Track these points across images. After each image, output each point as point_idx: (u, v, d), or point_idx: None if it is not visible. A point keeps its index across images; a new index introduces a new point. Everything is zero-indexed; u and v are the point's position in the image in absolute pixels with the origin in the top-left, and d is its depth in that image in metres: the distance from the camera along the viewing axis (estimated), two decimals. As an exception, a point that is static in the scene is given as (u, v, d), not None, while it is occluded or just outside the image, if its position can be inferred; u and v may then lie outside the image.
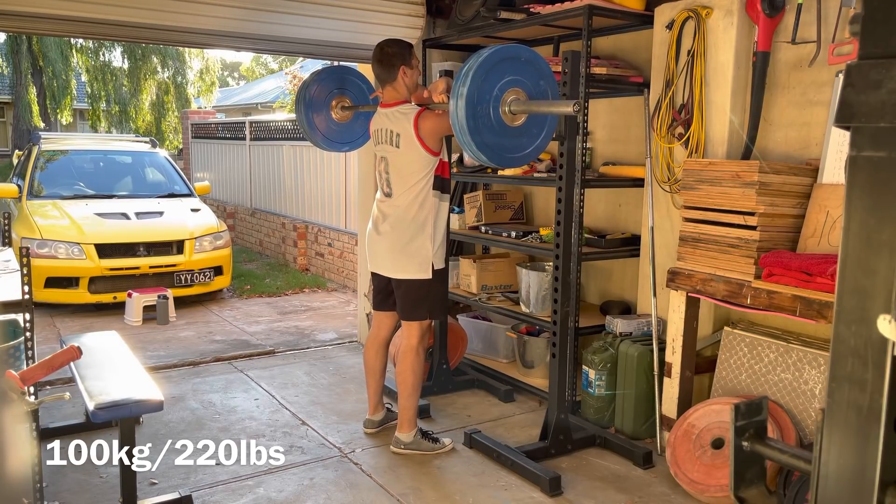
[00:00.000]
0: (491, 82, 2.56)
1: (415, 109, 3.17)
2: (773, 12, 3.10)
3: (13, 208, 6.84)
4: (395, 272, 3.30)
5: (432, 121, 3.12)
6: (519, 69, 2.63)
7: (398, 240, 3.23)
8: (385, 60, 3.21)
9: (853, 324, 0.70)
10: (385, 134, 3.25)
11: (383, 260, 3.34)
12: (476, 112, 2.53)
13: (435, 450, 3.36)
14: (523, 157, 2.84)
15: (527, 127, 2.71)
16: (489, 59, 2.56)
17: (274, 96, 18.94)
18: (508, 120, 2.64)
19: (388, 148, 3.24)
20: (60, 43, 15.34)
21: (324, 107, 3.78)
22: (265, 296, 6.97)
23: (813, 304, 2.61)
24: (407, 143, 3.15)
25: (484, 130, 2.58)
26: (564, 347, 3.28)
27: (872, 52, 0.68)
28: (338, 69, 3.98)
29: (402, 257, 3.25)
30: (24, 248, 2.54)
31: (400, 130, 3.16)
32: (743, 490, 0.92)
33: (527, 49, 2.75)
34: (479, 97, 2.54)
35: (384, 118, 3.26)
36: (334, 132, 3.84)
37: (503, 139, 2.66)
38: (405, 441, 3.34)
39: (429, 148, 3.15)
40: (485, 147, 2.61)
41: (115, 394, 2.61)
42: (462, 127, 2.54)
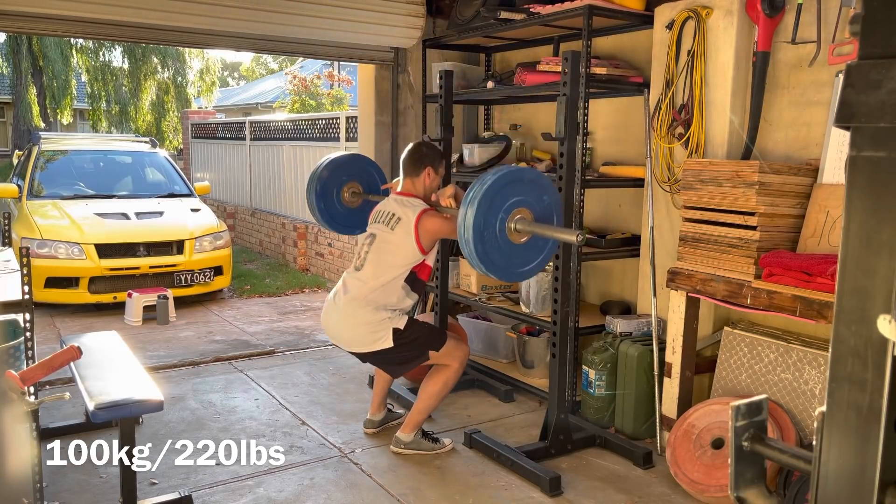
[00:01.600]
0: (498, 204, 2.67)
1: (423, 205, 3.26)
2: (773, 12, 3.11)
3: (13, 208, 6.84)
4: (355, 346, 3.25)
5: (435, 222, 3.18)
6: (523, 190, 2.73)
7: (355, 317, 3.18)
8: (416, 156, 3.34)
9: (853, 324, 0.70)
10: (385, 215, 3.30)
11: (339, 335, 3.29)
12: (483, 235, 2.65)
13: (435, 450, 3.36)
14: (525, 273, 2.91)
15: (531, 244, 2.79)
16: (496, 183, 2.65)
17: (274, 96, 18.94)
18: (513, 238, 2.73)
19: (382, 227, 3.27)
20: (60, 43, 15.34)
21: (334, 189, 3.88)
22: (265, 296, 6.97)
23: (813, 304, 2.61)
24: (402, 231, 3.19)
25: (489, 247, 2.68)
26: (564, 347, 3.28)
27: (872, 52, 0.68)
28: (355, 157, 4.08)
29: (360, 333, 3.19)
30: (24, 248, 2.55)
31: (402, 216, 3.22)
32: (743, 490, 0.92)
33: (530, 170, 2.86)
34: (486, 219, 2.65)
35: (391, 202, 3.34)
36: (340, 215, 3.93)
37: (507, 256, 2.75)
38: (405, 441, 3.34)
39: (420, 245, 3.17)
40: (489, 263, 2.70)
41: (115, 394, 2.61)
42: (469, 243, 2.63)
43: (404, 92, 4.87)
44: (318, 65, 17.32)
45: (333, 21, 4.33)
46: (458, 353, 3.29)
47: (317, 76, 15.03)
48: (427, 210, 3.22)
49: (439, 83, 3.96)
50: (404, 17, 4.60)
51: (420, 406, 3.34)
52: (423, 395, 3.34)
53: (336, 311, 3.25)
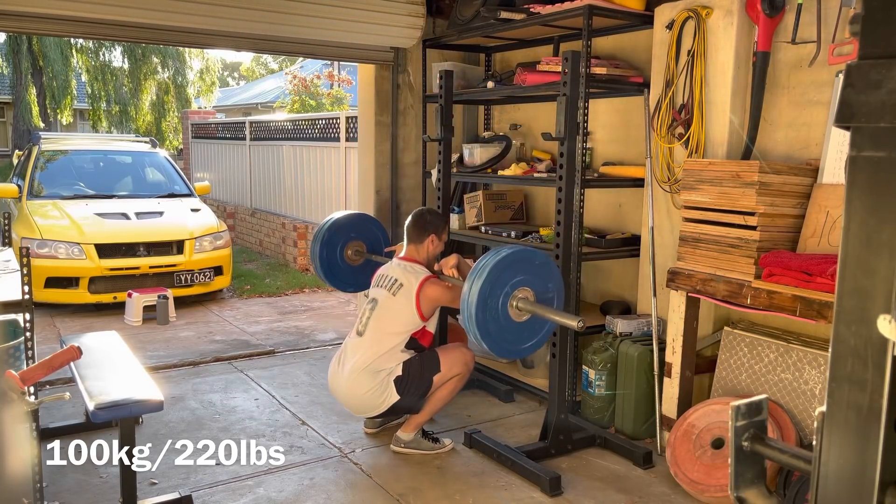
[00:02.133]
0: (504, 280, 2.74)
1: (426, 272, 3.31)
2: (773, 12, 3.10)
3: (13, 208, 6.84)
4: (365, 412, 3.36)
5: (437, 290, 3.23)
6: (530, 270, 2.81)
7: (359, 388, 3.22)
8: (421, 223, 3.42)
9: (853, 324, 0.70)
10: (388, 280, 3.35)
11: (347, 403, 3.36)
12: (486, 309, 2.72)
13: (435, 449, 3.36)
14: (521, 351, 2.98)
15: (529, 324, 2.86)
16: (506, 258, 2.74)
17: (274, 96, 18.94)
18: (514, 315, 2.79)
19: (384, 292, 3.32)
20: (60, 43, 15.34)
21: (338, 247, 3.99)
22: (265, 296, 6.97)
23: (813, 304, 2.61)
24: (404, 297, 3.24)
25: (490, 322, 2.75)
26: (564, 347, 3.28)
27: (872, 52, 0.68)
28: (360, 217, 4.19)
29: (367, 401, 3.24)
30: (24, 248, 2.55)
31: (404, 282, 3.27)
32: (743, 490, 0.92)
33: (542, 255, 2.92)
34: (491, 293, 2.72)
35: (395, 268, 3.39)
36: (342, 271, 4.04)
37: (506, 332, 2.82)
38: (406, 440, 3.34)
39: (420, 311, 3.22)
40: (487, 335, 2.76)
41: (115, 394, 2.61)
42: (471, 313, 2.70)
43: (404, 92, 4.87)
44: (318, 65, 17.32)
45: (333, 21, 4.33)
46: (460, 361, 3.34)
47: (317, 76, 15.03)
48: (430, 278, 3.28)
49: (439, 83, 3.96)
50: (404, 17, 4.60)
51: (426, 409, 3.35)
52: (430, 400, 3.34)
53: (342, 380, 3.31)
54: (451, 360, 3.31)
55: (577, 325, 2.65)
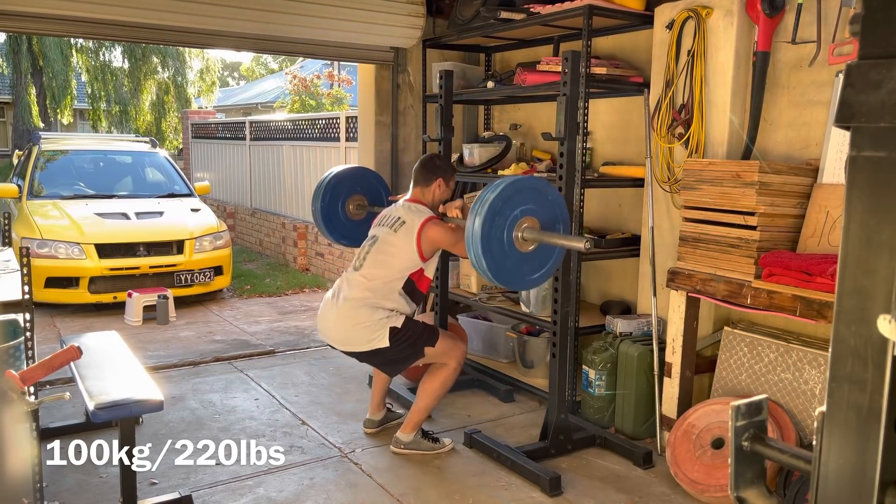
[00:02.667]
0: (505, 213, 2.69)
1: (430, 213, 3.27)
2: (773, 12, 3.10)
3: (13, 208, 6.84)
4: (349, 346, 3.21)
5: (439, 230, 3.18)
6: (530, 199, 2.75)
7: (350, 317, 3.14)
8: (429, 166, 3.38)
9: (853, 324, 0.70)
10: (390, 218, 3.31)
11: (334, 335, 3.24)
12: (490, 243, 2.66)
13: (435, 450, 3.35)
14: (535, 280, 2.92)
15: (536, 255, 2.81)
16: (506, 189, 2.68)
17: (274, 96, 18.94)
18: (520, 245, 2.75)
19: (385, 229, 3.28)
20: (60, 43, 15.34)
21: (339, 202, 3.92)
22: (265, 296, 6.98)
23: (813, 304, 2.61)
24: (405, 234, 3.19)
25: (497, 256, 2.69)
26: (564, 347, 3.28)
27: (872, 52, 0.68)
28: (360, 170, 4.10)
29: (355, 334, 3.15)
30: (24, 248, 2.55)
31: (406, 220, 3.23)
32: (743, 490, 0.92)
33: (542, 182, 2.87)
34: (494, 227, 2.66)
35: (399, 208, 3.34)
36: (344, 226, 3.98)
37: (512, 263, 2.76)
38: (405, 441, 3.33)
39: (420, 251, 3.17)
40: (494, 268, 2.70)
41: (115, 394, 2.61)
42: (476, 245, 2.64)
43: (404, 92, 4.87)
44: (318, 65, 17.32)
45: (333, 21, 4.33)
46: (454, 352, 3.28)
47: (317, 76, 15.04)
48: (433, 218, 3.23)
49: (439, 83, 3.96)
50: (404, 17, 4.60)
51: (419, 406, 3.33)
52: (421, 394, 3.34)
53: (334, 311, 3.22)
54: (447, 345, 3.26)
55: (584, 246, 2.58)
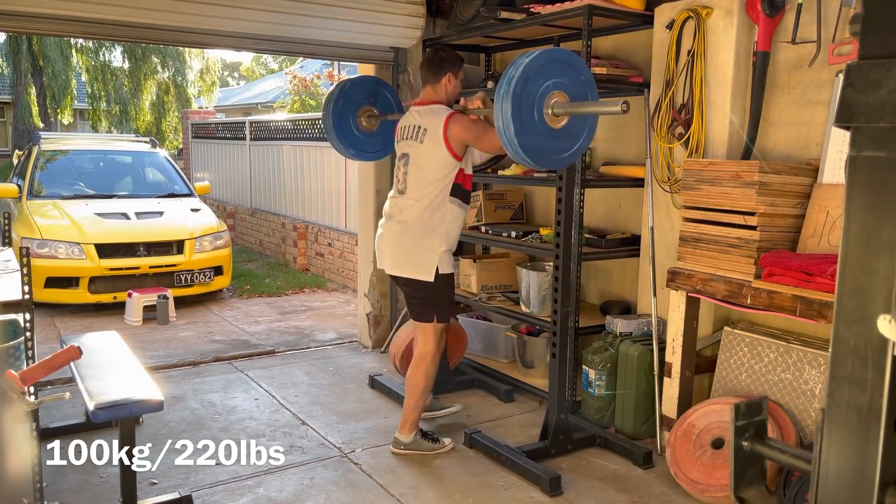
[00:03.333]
0: (534, 85, 2.55)
1: (448, 109, 3.19)
2: (773, 12, 3.10)
3: (13, 208, 6.84)
4: (397, 269, 3.29)
5: (463, 124, 3.12)
6: (556, 71, 2.60)
7: (405, 240, 3.22)
8: (435, 61, 3.28)
9: (853, 324, 0.70)
10: (411, 130, 3.24)
11: (386, 255, 3.32)
12: (521, 114, 2.53)
13: (435, 450, 3.35)
14: (566, 159, 2.80)
15: (569, 128, 2.68)
16: (528, 67, 2.53)
17: (274, 96, 18.95)
18: (551, 122, 2.63)
19: (411, 143, 3.22)
20: (60, 43, 15.34)
21: (350, 115, 3.82)
22: (265, 296, 6.98)
23: (813, 304, 2.61)
24: (432, 140, 3.13)
25: (529, 132, 2.56)
26: (564, 347, 3.28)
27: (872, 52, 0.68)
28: (369, 79, 4.03)
29: (406, 257, 3.24)
30: (24, 248, 2.54)
31: (427, 126, 3.15)
32: (743, 490, 0.92)
33: (569, 52, 2.72)
34: (524, 99, 2.53)
35: (415, 115, 3.27)
36: (360, 141, 3.88)
37: (546, 141, 2.64)
38: (405, 441, 3.33)
39: (452, 150, 3.12)
40: (528, 149, 2.58)
41: (115, 394, 2.61)
42: (507, 129, 2.52)
43: (404, 92, 4.87)
44: (318, 65, 17.32)
45: (333, 21, 4.33)
46: (440, 339, 3.34)
47: (317, 76, 15.04)
48: (453, 114, 3.15)
49: (439, 83, 3.95)
50: (404, 17, 4.60)
51: (409, 404, 3.33)
52: (409, 391, 3.34)
53: (388, 234, 3.29)
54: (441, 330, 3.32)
55: (620, 108, 2.42)
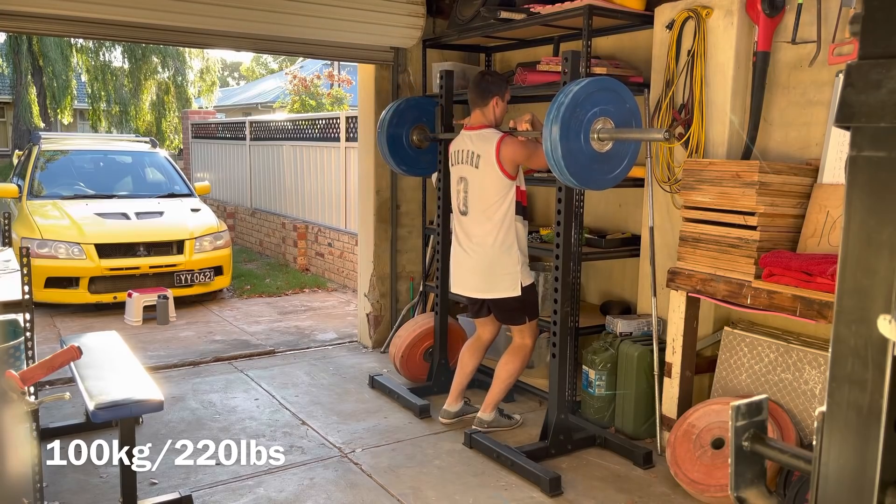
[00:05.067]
0: (582, 111, 2.72)
1: (498, 134, 3.34)
2: (773, 12, 3.10)
3: (13, 208, 6.84)
4: (484, 293, 3.46)
5: (514, 146, 3.28)
6: (608, 99, 2.78)
7: (486, 264, 3.38)
8: (483, 86, 3.42)
9: (853, 324, 0.70)
10: (465, 155, 3.42)
11: (469, 280, 3.48)
12: (568, 138, 2.70)
13: (512, 425, 3.64)
14: (609, 181, 2.95)
15: (613, 152, 2.84)
16: (582, 90, 2.71)
17: (274, 96, 18.94)
18: (597, 146, 2.79)
19: (468, 168, 3.40)
20: (60, 43, 15.34)
21: (403, 134, 3.98)
22: (265, 296, 6.98)
23: (813, 304, 2.61)
24: (486, 166, 3.31)
25: (576, 155, 2.74)
26: (564, 347, 3.28)
27: (872, 52, 0.68)
28: (419, 100, 4.15)
29: (491, 278, 3.39)
30: (24, 248, 2.54)
31: (481, 152, 3.33)
32: (743, 490, 0.92)
33: (615, 81, 2.88)
34: (571, 124, 2.71)
35: (466, 140, 3.43)
36: (410, 157, 4.04)
37: (591, 164, 2.81)
38: (488, 420, 3.56)
39: (506, 172, 3.28)
40: (574, 171, 2.75)
41: (115, 394, 2.61)
42: (555, 151, 2.70)
43: (404, 92, 4.86)
44: (318, 65, 17.31)
45: (333, 21, 4.33)
46: (535, 334, 3.57)
47: (317, 76, 15.02)
48: (503, 137, 3.31)
49: (439, 83, 3.96)
50: (404, 17, 4.60)
51: (500, 386, 3.54)
52: (502, 375, 3.53)
53: (467, 259, 3.45)
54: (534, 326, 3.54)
55: (662, 136, 2.65)
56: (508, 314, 3.50)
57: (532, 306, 3.49)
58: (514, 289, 3.37)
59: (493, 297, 3.44)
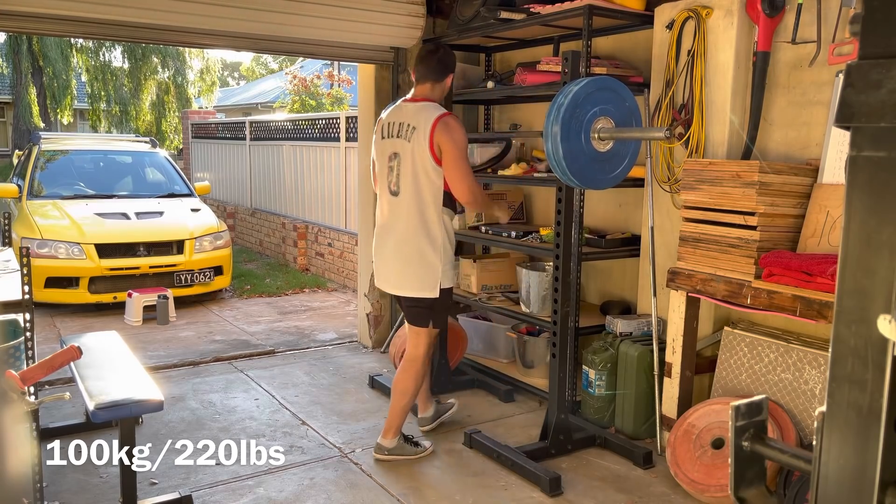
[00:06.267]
0: (582, 111, 2.71)
1: (441, 110, 3.10)
2: (773, 12, 3.10)
3: (13, 208, 6.84)
4: (400, 289, 3.22)
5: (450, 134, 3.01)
6: (607, 99, 2.77)
7: (408, 255, 3.13)
8: (444, 60, 3.21)
9: (853, 324, 0.70)
10: (400, 128, 3.13)
11: (387, 274, 3.26)
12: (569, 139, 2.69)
13: (418, 454, 3.30)
14: (610, 180, 2.92)
15: (614, 152, 2.83)
16: (582, 90, 2.69)
17: (274, 96, 18.94)
18: (597, 145, 2.78)
19: (401, 143, 3.11)
20: (60, 43, 15.34)
21: None
22: (265, 296, 6.98)
23: (813, 304, 2.61)
24: (420, 140, 3.05)
25: (576, 155, 2.72)
26: (564, 347, 3.28)
27: (872, 52, 0.68)
28: None
29: (410, 274, 3.16)
30: (24, 248, 2.55)
31: (417, 125, 3.06)
32: (743, 490, 0.92)
33: (615, 80, 2.86)
34: (572, 125, 2.70)
35: (402, 112, 3.16)
36: None
37: (592, 163, 2.79)
38: (388, 447, 3.27)
39: (435, 155, 3.04)
40: (575, 170, 2.74)
41: (115, 394, 2.61)
42: (556, 152, 2.68)
43: (404, 92, 4.86)
44: (318, 65, 17.31)
45: (333, 21, 4.33)
46: (432, 344, 3.31)
47: (317, 76, 15.02)
48: (445, 116, 3.05)
49: (439, 83, 3.95)
50: (404, 17, 4.60)
51: (397, 407, 3.26)
52: (396, 395, 3.27)
53: (388, 255, 3.20)
54: (433, 337, 3.28)
55: (663, 135, 2.62)
56: (416, 313, 3.23)
57: (441, 313, 3.24)
58: (433, 289, 3.11)
59: (409, 296, 3.18)
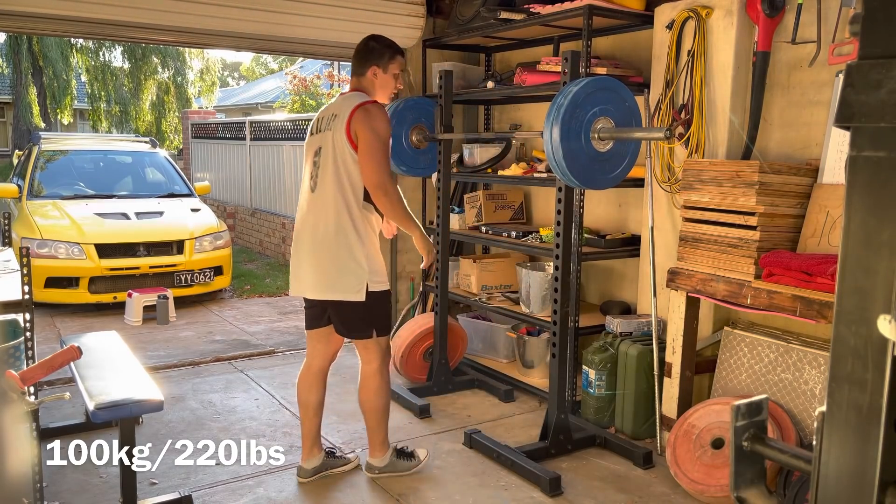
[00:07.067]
0: (582, 112, 2.71)
1: (363, 98, 2.85)
2: (773, 12, 3.10)
3: (13, 208, 6.84)
4: (321, 292, 2.87)
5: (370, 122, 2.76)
6: (607, 99, 2.76)
7: (326, 254, 2.82)
8: (362, 52, 2.98)
9: (853, 324, 0.70)
10: (326, 121, 2.90)
11: (305, 277, 2.90)
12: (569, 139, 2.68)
13: (413, 467, 3.14)
14: (610, 180, 2.91)
15: (614, 152, 2.83)
16: (581, 90, 2.69)
17: (274, 96, 18.94)
18: (597, 146, 2.77)
19: (325, 135, 2.87)
20: (60, 43, 15.34)
21: (402, 133, 3.93)
22: (265, 296, 6.98)
23: (813, 304, 2.61)
24: (339, 128, 2.80)
25: (577, 155, 2.72)
26: (564, 347, 3.28)
27: (872, 52, 0.68)
28: (420, 101, 4.11)
29: (332, 274, 2.83)
30: (24, 248, 2.55)
31: (339, 112, 2.83)
32: (743, 490, 0.92)
33: (614, 80, 2.85)
34: (571, 125, 2.69)
35: (331, 105, 2.96)
36: (409, 157, 4.00)
37: (592, 163, 2.78)
38: (379, 466, 3.10)
39: (352, 142, 2.77)
40: (576, 171, 2.74)
41: (115, 394, 2.61)
42: (556, 152, 2.67)
43: (404, 92, 4.86)
44: (318, 65, 17.31)
45: (333, 21, 4.33)
46: (384, 353, 2.98)
47: (317, 76, 15.03)
48: (368, 104, 2.80)
49: (439, 83, 3.96)
50: (404, 17, 4.60)
51: (372, 426, 3.06)
52: (367, 414, 3.05)
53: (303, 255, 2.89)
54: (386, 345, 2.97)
55: (663, 135, 2.62)
56: (350, 324, 2.89)
57: (382, 318, 2.91)
58: (359, 292, 2.78)
59: (333, 300, 2.84)
